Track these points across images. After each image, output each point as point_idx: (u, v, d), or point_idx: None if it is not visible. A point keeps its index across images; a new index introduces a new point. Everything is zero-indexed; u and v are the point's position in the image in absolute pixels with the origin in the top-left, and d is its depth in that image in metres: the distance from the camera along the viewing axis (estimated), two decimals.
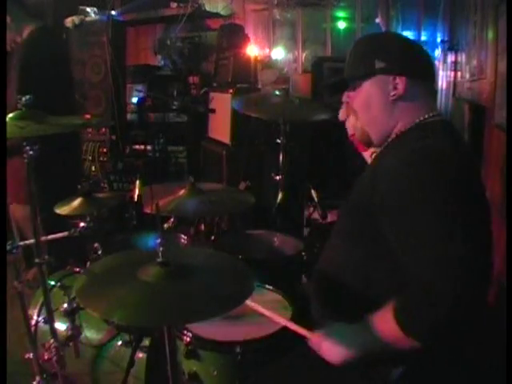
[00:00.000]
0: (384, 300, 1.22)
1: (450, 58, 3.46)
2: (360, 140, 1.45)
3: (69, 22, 3.95)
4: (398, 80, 1.30)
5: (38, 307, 2.04)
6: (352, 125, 1.47)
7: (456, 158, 1.20)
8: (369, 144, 1.44)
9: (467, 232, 1.09)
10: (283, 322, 1.42)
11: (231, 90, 3.48)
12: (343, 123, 1.57)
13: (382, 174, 1.24)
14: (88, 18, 4.03)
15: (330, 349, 1.23)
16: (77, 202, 1.95)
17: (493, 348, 1.35)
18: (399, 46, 1.35)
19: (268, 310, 1.46)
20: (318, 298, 1.43)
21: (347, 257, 1.35)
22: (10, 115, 1.51)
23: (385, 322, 1.14)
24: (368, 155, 1.67)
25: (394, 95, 1.31)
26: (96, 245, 1.95)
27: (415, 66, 1.33)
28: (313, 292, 1.46)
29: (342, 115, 1.56)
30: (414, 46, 1.38)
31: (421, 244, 1.11)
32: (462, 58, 3.27)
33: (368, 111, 1.38)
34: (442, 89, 3.54)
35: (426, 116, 1.31)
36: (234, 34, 3.87)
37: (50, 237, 1.82)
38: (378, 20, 3.89)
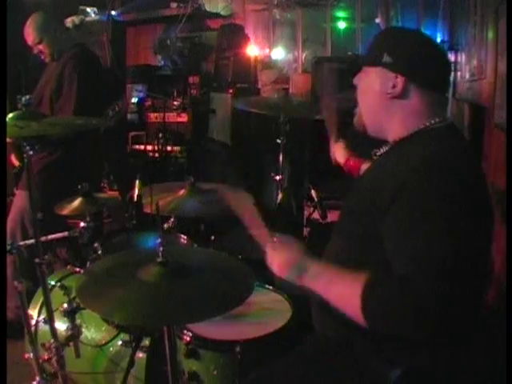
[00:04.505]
0: None
1: (450, 57, 3.46)
2: (357, 123, 1.44)
3: (69, 21, 3.95)
4: (398, 79, 1.28)
5: (37, 307, 2.04)
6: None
7: (460, 166, 1.18)
8: (365, 129, 1.43)
9: (466, 244, 1.09)
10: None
11: (231, 90, 3.48)
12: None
13: (386, 179, 1.22)
14: (88, 18, 4.04)
15: (285, 261, 1.28)
16: (77, 202, 1.96)
17: (493, 349, 1.35)
18: (414, 47, 1.31)
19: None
20: (317, 297, 1.43)
21: (346, 257, 1.35)
22: (10, 115, 1.51)
23: (350, 289, 1.13)
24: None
25: (390, 93, 1.29)
26: (96, 245, 1.95)
27: (423, 72, 1.29)
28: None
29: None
30: (434, 53, 1.32)
31: (412, 242, 1.10)
32: (462, 58, 3.27)
33: (365, 97, 1.38)
34: None
35: (428, 123, 1.28)
36: (234, 34, 3.87)
37: (50, 237, 1.83)
38: (377, 20, 3.89)
